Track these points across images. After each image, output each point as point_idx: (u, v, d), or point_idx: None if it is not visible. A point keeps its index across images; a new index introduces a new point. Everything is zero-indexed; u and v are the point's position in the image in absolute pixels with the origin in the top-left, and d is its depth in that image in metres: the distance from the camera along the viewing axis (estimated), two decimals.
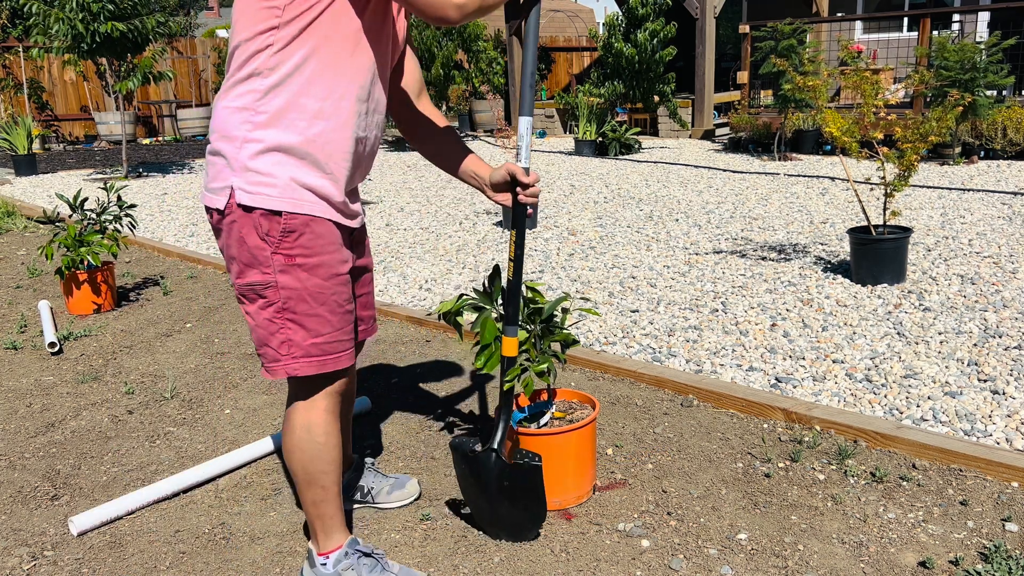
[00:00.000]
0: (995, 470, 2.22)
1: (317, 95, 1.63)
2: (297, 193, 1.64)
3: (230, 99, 1.65)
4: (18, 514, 2.31)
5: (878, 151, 3.99)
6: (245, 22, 1.60)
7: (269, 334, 1.70)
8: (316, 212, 1.67)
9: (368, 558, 1.86)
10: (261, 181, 1.63)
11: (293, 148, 1.63)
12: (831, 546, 1.97)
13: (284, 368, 1.71)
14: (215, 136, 1.67)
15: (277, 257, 1.65)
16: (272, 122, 1.62)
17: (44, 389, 3.26)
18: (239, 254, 1.67)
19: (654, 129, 12.14)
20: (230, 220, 1.65)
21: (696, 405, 2.80)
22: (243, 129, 1.63)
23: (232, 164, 1.64)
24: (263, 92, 1.61)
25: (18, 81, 14.03)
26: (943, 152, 8.16)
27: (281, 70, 1.60)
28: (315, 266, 1.68)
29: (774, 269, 4.46)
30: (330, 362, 1.73)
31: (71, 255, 4.17)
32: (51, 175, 10.35)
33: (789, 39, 8.15)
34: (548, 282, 4.44)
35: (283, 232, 1.64)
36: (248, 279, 1.68)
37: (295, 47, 1.59)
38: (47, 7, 8.47)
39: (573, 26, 18.34)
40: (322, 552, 1.86)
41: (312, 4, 1.57)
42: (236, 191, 1.63)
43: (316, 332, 1.70)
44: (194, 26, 29.99)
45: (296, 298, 1.67)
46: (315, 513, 1.83)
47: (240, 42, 1.62)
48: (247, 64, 1.61)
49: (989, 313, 3.51)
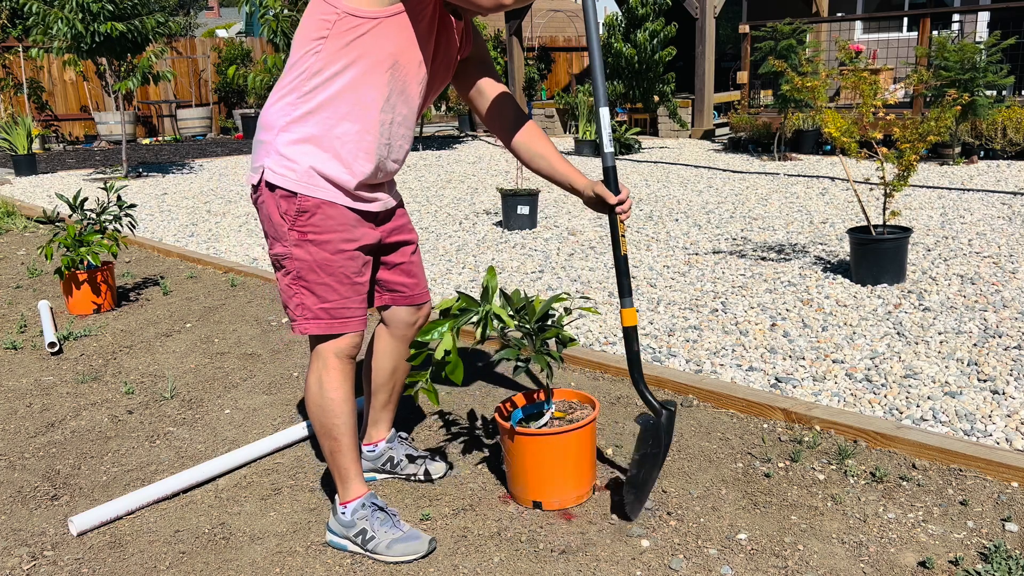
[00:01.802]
0: (995, 470, 2.22)
1: (348, 100, 1.86)
2: (314, 180, 1.89)
3: (276, 94, 1.92)
4: (18, 514, 2.31)
5: (877, 151, 3.99)
6: (305, 28, 1.86)
7: (288, 297, 1.98)
8: (328, 197, 1.91)
9: (382, 512, 2.05)
10: (286, 165, 1.88)
11: (320, 141, 1.88)
12: (831, 546, 1.97)
13: (299, 327, 1.98)
14: (260, 126, 1.96)
15: (292, 233, 1.91)
16: (307, 117, 1.87)
17: (44, 389, 3.26)
18: (268, 229, 1.96)
19: (654, 129, 12.14)
20: (261, 199, 1.94)
21: (696, 405, 2.80)
22: (282, 120, 1.89)
23: (268, 148, 1.91)
24: (305, 92, 1.86)
25: (18, 81, 14.03)
26: (943, 152, 8.16)
27: (323, 75, 1.84)
28: (324, 242, 1.92)
29: (774, 269, 4.46)
30: (337, 325, 1.98)
31: (71, 255, 4.17)
32: (51, 175, 10.35)
33: (789, 39, 8.15)
34: (548, 282, 4.44)
35: (298, 211, 1.89)
36: (275, 250, 1.97)
37: (337, 57, 1.83)
38: (47, 7, 8.47)
39: (573, 26, 18.35)
40: (343, 501, 2.06)
41: (358, 24, 1.80)
42: (266, 170, 1.90)
43: (324, 299, 1.95)
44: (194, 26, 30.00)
45: (307, 268, 1.93)
46: (332, 464, 2.05)
47: (296, 45, 1.89)
48: (296, 66, 1.87)
49: (989, 313, 3.51)
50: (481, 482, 2.36)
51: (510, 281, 4.53)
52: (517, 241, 5.53)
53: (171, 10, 18.31)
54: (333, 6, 1.80)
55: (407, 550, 2.00)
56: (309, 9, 1.86)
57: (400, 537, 2.02)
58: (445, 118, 18.63)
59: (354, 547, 2.05)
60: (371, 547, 2.01)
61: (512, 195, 5.80)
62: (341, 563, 2.01)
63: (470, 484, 2.35)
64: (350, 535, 2.04)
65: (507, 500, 2.25)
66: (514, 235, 5.73)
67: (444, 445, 2.61)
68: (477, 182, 8.46)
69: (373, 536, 2.01)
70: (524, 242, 5.48)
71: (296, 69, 1.87)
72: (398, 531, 2.03)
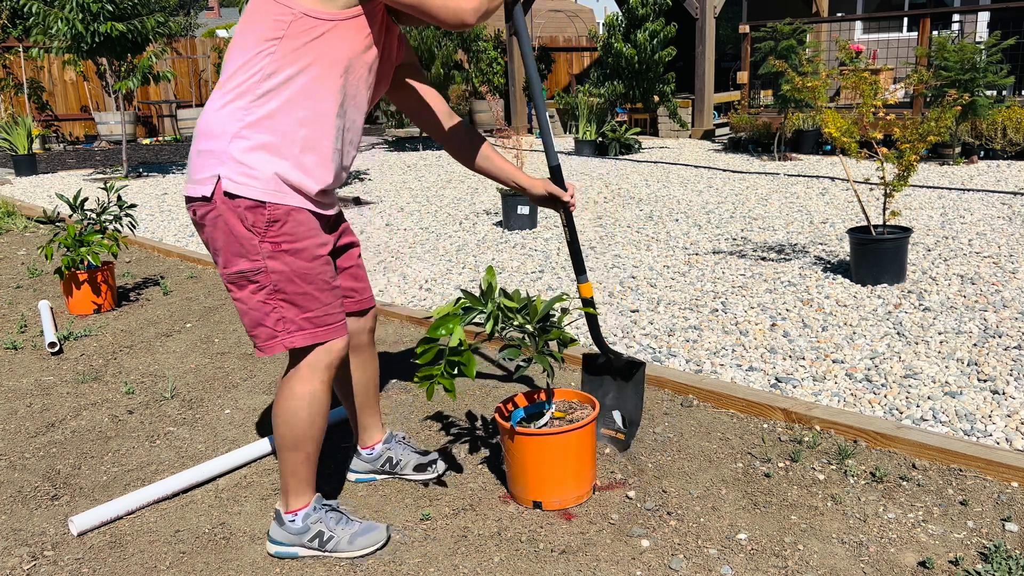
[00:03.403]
0: (995, 470, 2.22)
1: (304, 105, 1.79)
2: (280, 187, 1.80)
3: (221, 98, 1.79)
4: (18, 514, 2.31)
5: (877, 151, 3.99)
6: (253, 28, 1.76)
7: (264, 315, 1.86)
8: (295, 203, 1.83)
9: (335, 511, 2.04)
10: (247, 173, 1.77)
11: (278, 149, 1.79)
12: (831, 546, 1.97)
13: (282, 343, 1.88)
14: (203, 135, 1.81)
15: (265, 245, 1.81)
16: (262, 122, 1.77)
17: (44, 389, 3.26)
18: (226, 245, 1.82)
19: (654, 129, 12.13)
20: (215, 214, 1.80)
21: (696, 405, 2.80)
22: (234, 125, 1.77)
23: (220, 156, 1.78)
24: (259, 95, 1.77)
25: (18, 81, 14.03)
26: (943, 152, 8.16)
27: (277, 78, 1.76)
28: (299, 250, 1.84)
29: (774, 269, 4.46)
30: (322, 333, 1.91)
31: (71, 255, 4.17)
32: (51, 175, 10.35)
33: (789, 39, 8.15)
34: (548, 282, 4.44)
35: (268, 222, 1.80)
36: (237, 267, 1.83)
37: (292, 59, 1.75)
38: (47, 7, 8.47)
39: (573, 26, 18.34)
40: (290, 510, 2.01)
41: (315, 25, 1.74)
42: (223, 179, 1.77)
43: (306, 308, 1.88)
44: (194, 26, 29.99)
45: (284, 280, 1.84)
46: (291, 473, 1.98)
47: (244, 47, 1.77)
48: (246, 68, 1.76)
49: (989, 313, 3.51)
50: (481, 482, 2.36)
51: (510, 281, 4.53)
52: (517, 241, 5.53)
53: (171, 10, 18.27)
54: (288, 6, 1.73)
55: (369, 541, 2.01)
56: (257, 7, 1.76)
57: (359, 531, 2.02)
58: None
59: (308, 552, 2.02)
60: (331, 546, 2.00)
61: (512, 195, 5.80)
62: (341, 562, 2.01)
63: (470, 484, 2.35)
64: (303, 541, 2.01)
65: (507, 500, 2.25)
66: (514, 235, 5.73)
67: (446, 445, 2.61)
68: (477, 182, 8.46)
69: (332, 536, 2.00)
70: (524, 242, 5.48)
71: (247, 71, 1.77)
72: (355, 525, 2.03)
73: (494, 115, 13.97)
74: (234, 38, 1.82)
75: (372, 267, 5.03)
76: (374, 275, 4.83)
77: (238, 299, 1.88)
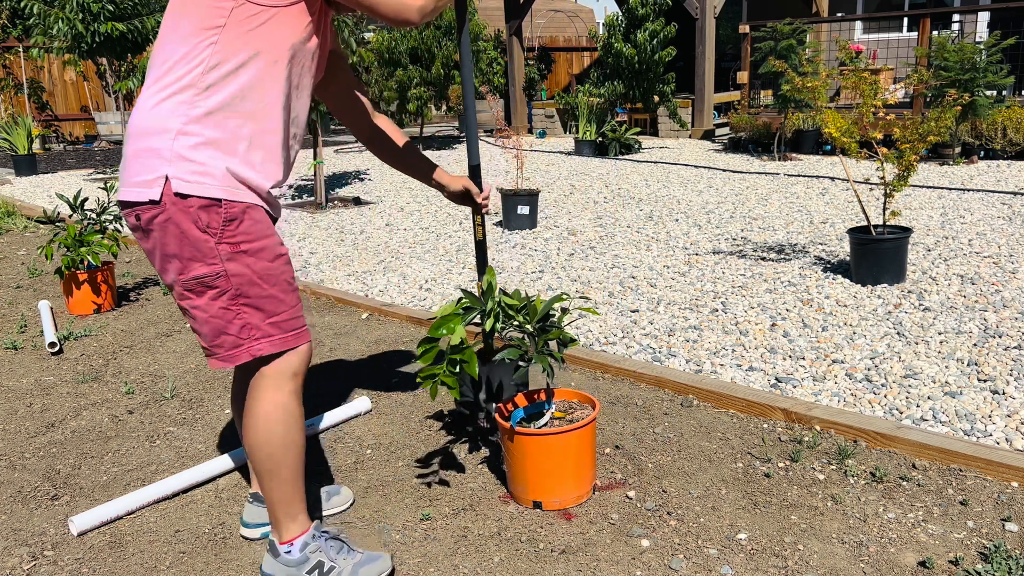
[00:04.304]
0: (995, 470, 2.22)
1: (251, 98, 1.68)
2: (232, 183, 1.68)
3: (159, 93, 1.65)
4: (18, 514, 2.31)
5: (877, 151, 3.99)
6: (189, 16, 1.63)
7: (226, 322, 1.72)
8: (251, 199, 1.71)
9: (335, 540, 1.89)
10: (198, 171, 1.65)
11: (227, 145, 1.67)
12: (831, 546, 1.98)
13: (248, 351, 1.74)
14: (141, 134, 1.66)
15: (222, 247, 1.68)
16: (208, 117, 1.65)
17: (44, 389, 3.26)
18: (180, 250, 1.68)
19: (654, 129, 12.13)
20: (164, 218, 1.65)
21: (696, 405, 2.80)
22: (177, 121, 1.64)
23: (164, 154, 1.64)
24: (203, 88, 1.64)
25: (18, 81, 14.03)
26: (943, 152, 8.16)
27: (221, 69, 1.64)
28: (259, 250, 1.72)
29: (774, 269, 4.46)
30: (291, 338, 1.78)
31: (71, 255, 4.17)
32: (51, 175, 10.35)
33: (789, 39, 8.15)
34: (548, 282, 4.44)
35: (225, 221, 1.67)
36: (193, 273, 1.69)
37: (236, 49, 1.64)
38: (47, 7, 8.47)
39: (573, 26, 18.35)
40: (285, 540, 1.85)
41: (258, 12, 1.64)
42: (172, 180, 1.63)
43: (272, 312, 1.75)
44: None
45: (246, 283, 1.71)
46: (279, 499, 1.82)
47: (180, 37, 1.64)
48: (187, 59, 1.63)
49: (989, 313, 3.51)
50: (481, 482, 2.36)
51: (510, 281, 4.53)
52: (517, 241, 5.53)
53: None
54: None
55: (373, 572, 1.87)
56: None
57: (361, 560, 1.88)
58: (445, 118, 18.61)
59: None
60: None
61: (512, 195, 5.80)
62: None
63: (470, 484, 2.35)
64: (301, 574, 1.84)
65: (507, 500, 2.25)
66: (514, 235, 5.73)
67: (446, 445, 2.61)
68: None
69: (333, 566, 1.85)
70: (524, 242, 5.48)
71: (187, 63, 1.63)
72: (356, 554, 1.89)
73: (494, 115, 13.96)
74: (164, 27, 1.68)
75: (372, 267, 5.03)
76: (374, 275, 4.83)
77: (196, 307, 1.73)
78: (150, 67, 1.71)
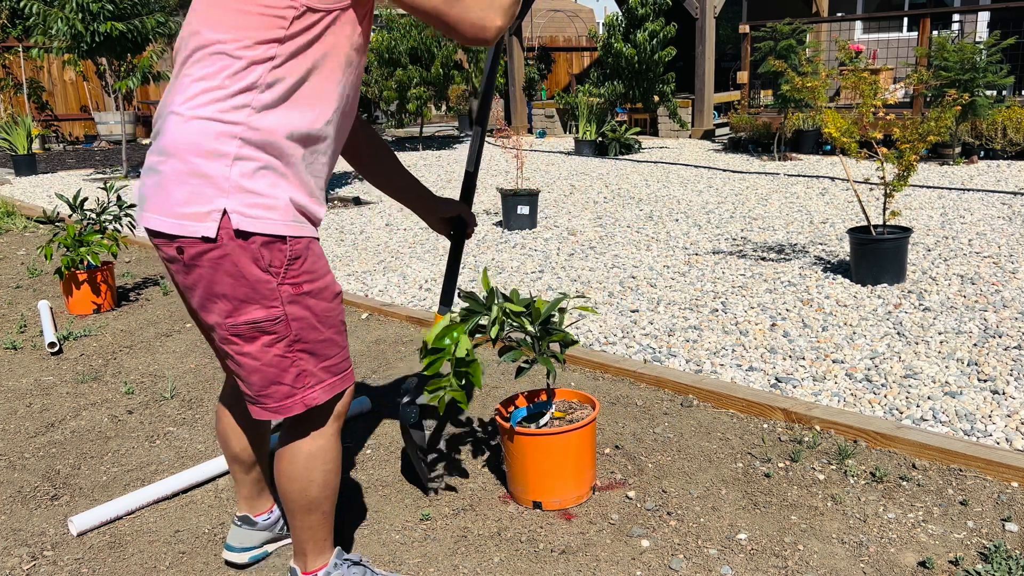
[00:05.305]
0: (995, 470, 2.22)
1: (308, 116, 1.52)
2: (296, 216, 1.52)
3: (206, 109, 1.46)
4: (18, 514, 2.31)
5: (877, 151, 3.99)
6: (235, 24, 1.45)
7: (281, 371, 1.56)
8: (311, 233, 1.56)
9: (357, 566, 1.80)
10: (261, 203, 1.47)
11: (287, 170, 1.51)
12: (831, 546, 1.97)
13: (302, 401, 1.59)
14: (184, 151, 1.46)
15: (284, 288, 1.51)
16: (266, 140, 1.47)
17: (44, 389, 3.26)
18: (234, 291, 1.49)
19: (654, 129, 12.13)
20: (219, 254, 1.46)
21: (696, 405, 2.80)
22: (231, 145, 1.45)
23: (221, 184, 1.45)
24: (258, 108, 1.46)
25: (18, 81, 14.03)
26: (943, 152, 8.16)
27: (279, 87, 1.47)
28: (321, 289, 1.58)
29: (774, 269, 4.46)
30: (339, 382, 1.64)
31: (71, 255, 4.17)
32: (51, 175, 10.35)
33: (788, 39, 8.15)
34: (548, 282, 4.44)
35: (290, 259, 1.51)
36: (247, 317, 1.51)
37: (296, 63, 1.48)
38: (47, 7, 8.47)
39: (573, 26, 18.35)
40: (309, 571, 1.76)
41: (317, 20, 1.47)
42: (232, 214, 1.44)
43: (326, 356, 1.61)
44: None
45: (307, 327, 1.56)
46: (309, 535, 1.73)
47: (226, 47, 1.45)
48: (241, 75, 1.45)
49: (989, 313, 3.51)
50: (481, 482, 2.36)
51: (510, 281, 4.53)
52: (517, 241, 5.53)
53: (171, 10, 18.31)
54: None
55: None
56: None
57: None
58: (445, 118, 18.61)
59: None
60: None
61: (512, 195, 5.80)
62: None
63: (470, 484, 2.35)
64: None
65: (507, 500, 2.25)
66: (514, 235, 5.73)
67: (446, 445, 2.61)
68: (477, 182, 8.45)
69: None
70: (524, 242, 5.48)
71: (241, 77, 1.45)
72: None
73: (494, 115, 13.96)
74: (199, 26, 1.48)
75: (372, 267, 5.03)
76: (374, 275, 4.83)
77: (245, 354, 1.54)
78: (184, 62, 1.51)
